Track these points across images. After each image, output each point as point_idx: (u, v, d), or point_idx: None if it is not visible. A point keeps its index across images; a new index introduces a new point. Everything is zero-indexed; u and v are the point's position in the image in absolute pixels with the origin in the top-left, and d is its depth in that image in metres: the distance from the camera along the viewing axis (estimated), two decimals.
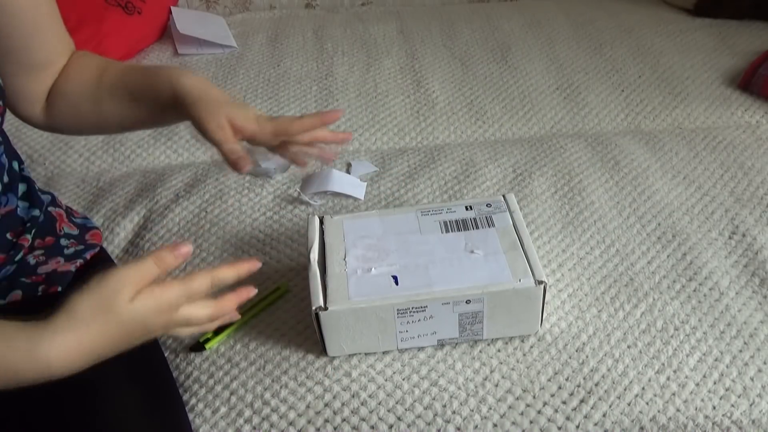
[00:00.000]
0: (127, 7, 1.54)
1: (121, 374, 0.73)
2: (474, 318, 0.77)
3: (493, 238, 0.81)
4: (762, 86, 1.29)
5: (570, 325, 0.83)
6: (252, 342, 0.83)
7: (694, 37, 1.53)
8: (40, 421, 0.66)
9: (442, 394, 0.77)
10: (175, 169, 1.16)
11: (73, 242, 0.82)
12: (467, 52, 1.51)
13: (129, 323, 0.58)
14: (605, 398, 0.76)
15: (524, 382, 0.78)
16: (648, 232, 0.97)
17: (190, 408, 0.78)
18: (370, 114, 1.31)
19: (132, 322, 0.58)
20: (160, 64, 0.78)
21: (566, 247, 0.95)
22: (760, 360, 0.79)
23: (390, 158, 1.15)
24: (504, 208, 0.85)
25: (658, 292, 0.87)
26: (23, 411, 0.67)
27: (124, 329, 0.58)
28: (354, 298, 0.75)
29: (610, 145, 1.15)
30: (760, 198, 1.02)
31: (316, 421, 0.75)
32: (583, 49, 1.50)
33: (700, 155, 1.12)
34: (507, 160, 1.12)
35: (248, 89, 1.39)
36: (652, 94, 1.33)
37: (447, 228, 0.83)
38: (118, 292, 0.57)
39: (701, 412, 0.75)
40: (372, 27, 1.64)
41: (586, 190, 1.05)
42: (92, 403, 0.68)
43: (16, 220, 0.76)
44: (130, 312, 0.57)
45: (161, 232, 1.01)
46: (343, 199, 1.06)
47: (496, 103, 1.33)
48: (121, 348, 0.59)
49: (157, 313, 0.59)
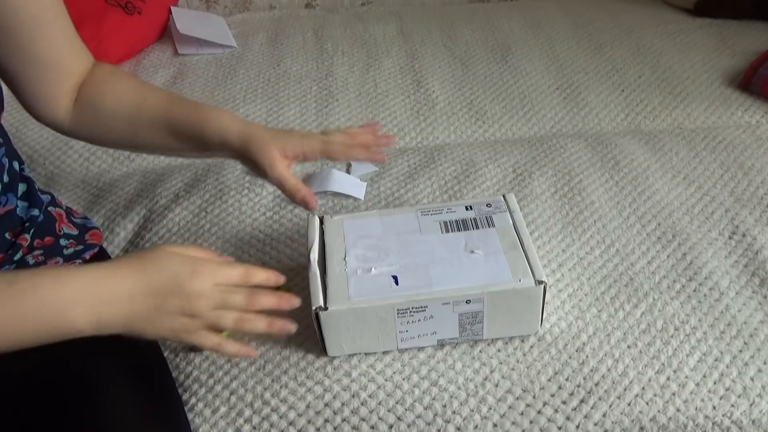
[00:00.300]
0: (127, 7, 1.54)
1: (121, 374, 0.73)
2: (474, 318, 0.77)
3: (493, 238, 0.81)
4: (762, 86, 1.29)
5: (570, 325, 0.83)
6: (252, 342, 0.83)
7: (694, 37, 1.53)
8: (40, 421, 0.66)
9: (442, 394, 0.77)
10: (175, 169, 1.16)
11: (73, 242, 0.82)
12: (467, 52, 1.51)
13: (162, 269, 0.62)
14: (605, 398, 0.76)
15: (524, 382, 0.78)
16: (648, 232, 0.97)
17: (190, 408, 0.78)
18: (370, 114, 1.31)
19: (164, 270, 0.62)
20: (201, 103, 0.80)
21: (566, 247, 0.95)
22: (760, 360, 0.79)
23: (390, 158, 1.15)
24: (504, 208, 0.85)
25: (658, 292, 0.87)
26: (23, 411, 0.67)
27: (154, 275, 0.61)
28: (354, 298, 0.75)
29: (610, 145, 1.15)
30: (760, 198, 1.02)
31: (316, 421, 0.75)
32: (583, 49, 1.50)
33: (700, 155, 1.12)
34: (507, 160, 1.12)
35: (248, 89, 1.39)
36: (652, 94, 1.33)
37: (447, 228, 0.83)
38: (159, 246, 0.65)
39: (701, 412, 0.75)
40: (372, 27, 1.64)
41: (586, 190, 1.05)
42: (92, 402, 0.68)
43: (15, 220, 0.76)
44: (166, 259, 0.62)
45: (161, 232, 1.01)
46: (343, 199, 1.06)
47: (496, 103, 1.33)
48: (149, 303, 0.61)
49: (191, 274, 0.62)
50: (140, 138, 0.81)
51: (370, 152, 0.80)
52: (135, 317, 0.61)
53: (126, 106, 0.80)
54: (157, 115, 0.79)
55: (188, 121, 0.78)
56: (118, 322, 0.61)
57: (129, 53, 1.54)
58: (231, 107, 1.33)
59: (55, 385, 0.69)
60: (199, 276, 0.63)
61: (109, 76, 0.82)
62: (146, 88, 0.82)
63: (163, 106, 0.80)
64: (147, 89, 0.82)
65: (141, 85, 0.83)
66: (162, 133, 0.80)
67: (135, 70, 1.50)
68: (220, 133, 0.76)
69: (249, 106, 1.33)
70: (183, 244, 0.67)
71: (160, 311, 0.62)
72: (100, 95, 0.80)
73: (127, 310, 0.60)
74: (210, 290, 0.64)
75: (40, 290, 0.58)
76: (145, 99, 0.80)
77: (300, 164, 1.14)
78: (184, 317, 0.63)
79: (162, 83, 1.44)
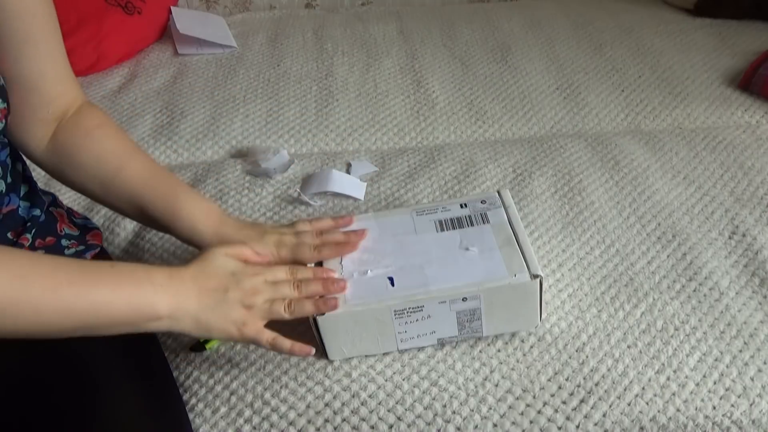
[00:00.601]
0: (127, 7, 1.54)
1: (122, 374, 0.73)
2: (472, 315, 0.77)
3: (488, 235, 0.81)
4: (762, 86, 1.29)
5: (570, 325, 0.83)
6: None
7: (694, 37, 1.53)
8: (40, 420, 0.67)
9: (442, 394, 0.77)
10: (175, 169, 1.16)
11: (74, 243, 0.82)
12: (467, 52, 1.51)
13: (220, 269, 0.71)
14: (605, 398, 0.76)
15: (524, 382, 0.78)
16: (648, 232, 0.97)
17: (190, 408, 0.78)
18: (370, 114, 1.31)
19: (222, 269, 0.71)
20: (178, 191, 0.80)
21: (566, 247, 0.95)
22: (760, 360, 0.79)
23: (390, 158, 1.16)
24: (498, 203, 0.85)
25: (658, 292, 0.87)
26: (23, 411, 0.67)
27: (215, 273, 0.70)
28: (351, 301, 0.75)
29: (610, 145, 1.15)
30: (760, 198, 1.02)
31: (316, 421, 0.75)
32: (583, 49, 1.50)
33: (700, 155, 1.12)
34: (507, 160, 1.12)
35: (248, 89, 1.39)
36: (652, 94, 1.33)
37: (442, 227, 0.83)
38: (215, 250, 0.72)
39: (701, 412, 0.75)
40: (372, 27, 1.64)
41: (586, 190, 1.05)
42: (93, 402, 0.68)
43: (17, 220, 0.76)
44: (222, 261, 0.71)
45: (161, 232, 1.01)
46: (343, 200, 1.06)
47: (496, 103, 1.33)
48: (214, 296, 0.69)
49: (243, 268, 0.72)
50: (109, 202, 0.80)
51: (340, 247, 0.80)
52: (204, 309, 0.68)
53: (103, 169, 0.78)
54: (131, 190, 0.78)
55: (162, 208, 0.78)
56: (190, 314, 0.68)
57: (129, 53, 1.54)
58: (231, 107, 1.33)
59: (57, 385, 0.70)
60: (253, 273, 0.72)
61: (94, 130, 0.78)
62: (129, 154, 0.80)
63: (141, 183, 0.78)
64: (130, 156, 0.79)
65: (124, 148, 0.80)
66: (132, 208, 0.79)
67: (135, 70, 1.50)
68: (190, 234, 0.78)
69: (249, 106, 1.33)
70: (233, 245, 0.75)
71: (222, 303, 0.69)
72: (79, 150, 0.77)
73: (198, 302, 0.68)
74: (262, 285, 0.72)
75: (138, 272, 0.66)
76: (123, 168, 0.78)
77: (299, 165, 1.14)
78: (243, 309, 0.70)
79: (162, 83, 1.44)
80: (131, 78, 1.47)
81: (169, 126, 1.29)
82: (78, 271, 0.62)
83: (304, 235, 0.80)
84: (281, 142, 1.24)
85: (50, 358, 0.71)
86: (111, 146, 0.79)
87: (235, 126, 1.28)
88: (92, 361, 0.72)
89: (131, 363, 0.75)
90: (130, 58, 1.54)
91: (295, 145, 1.24)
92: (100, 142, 0.78)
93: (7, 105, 0.70)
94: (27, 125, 0.77)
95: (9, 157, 0.74)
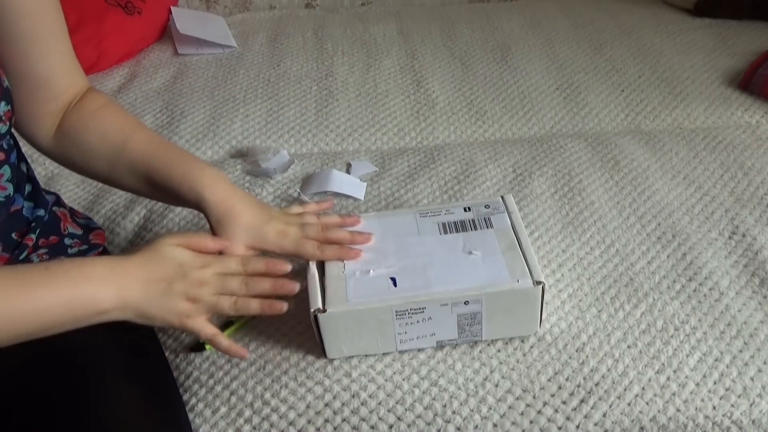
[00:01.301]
0: (127, 7, 1.54)
1: (121, 374, 0.73)
2: (473, 319, 0.77)
3: (491, 239, 0.81)
4: (762, 86, 1.29)
5: (570, 326, 0.84)
6: (252, 342, 0.83)
7: (694, 37, 1.53)
8: (40, 420, 0.67)
9: (442, 394, 0.77)
10: None
11: (77, 242, 0.82)
12: (467, 52, 1.51)
13: (167, 259, 0.69)
14: (605, 398, 0.76)
15: (524, 382, 0.78)
16: (648, 232, 0.97)
17: (190, 408, 0.78)
18: (370, 114, 1.31)
19: (169, 259, 0.69)
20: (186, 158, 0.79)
21: (566, 247, 0.95)
22: (760, 360, 0.79)
23: (390, 158, 1.16)
24: (502, 209, 0.85)
25: (658, 292, 0.87)
26: (22, 411, 0.67)
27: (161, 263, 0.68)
28: (352, 300, 0.75)
29: (610, 145, 1.15)
30: (760, 198, 1.02)
31: (316, 421, 0.75)
32: (583, 49, 1.50)
33: (700, 155, 1.12)
34: (507, 160, 1.12)
35: (248, 89, 1.39)
36: (652, 94, 1.33)
37: (445, 229, 0.83)
38: (164, 239, 0.71)
39: (701, 412, 0.75)
40: (372, 27, 1.64)
41: (586, 190, 1.05)
42: (92, 402, 0.69)
43: (22, 220, 0.76)
44: (170, 251, 0.70)
45: (161, 232, 1.01)
46: (343, 200, 1.06)
47: (496, 103, 1.33)
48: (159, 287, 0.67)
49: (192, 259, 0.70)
50: (116, 178, 0.80)
51: (344, 251, 0.80)
52: (148, 300, 0.67)
53: (108, 145, 0.78)
54: (138, 161, 0.78)
55: (168, 178, 0.77)
56: (133, 304, 0.66)
57: (129, 53, 1.54)
58: (231, 107, 1.33)
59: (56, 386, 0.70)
60: (201, 265, 0.70)
61: (98, 111, 0.79)
62: (133, 128, 0.80)
63: (147, 152, 0.78)
64: (134, 129, 0.80)
65: (128, 124, 0.80)
66: (142, 182, 0.79)
67: (135, 70, 1.50)
68: (198, 200, 0.76)
69: (249, 106, 1.33)
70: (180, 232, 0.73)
71: (167, 294, 0.68)
72: (85, 130, 0.78)
73: (143, 292, 0.67)
74: (210, 277, 0.70)
75: (73, 271, 0.64)
76: (127, 141, 0.78)
77: (299, 165, 1.14)
78: (187, 301, 0.69)
79: (162, 83, 1.44)
80: (131, 78, 1.47)
81: (169, 126, 1.29)
82: (7, 279, 0.61)
83: (309, 228, 0.80)
84: (281, 142, 1.24)
85: (49, 359, 0.71)
86: (115, 123, 0.80)
87: (235, 126, 1.28)
88: (92, 361, 0.72)
89: (131, 363, 0.75)
90: (130, 58, 1.54)
91: (295, 145, 1.24)
92: (105, 120, 0.79)
93: (11, 107, 0.70)
94: (36, 119, 0.78)
95: (16, 157, 0.75)
